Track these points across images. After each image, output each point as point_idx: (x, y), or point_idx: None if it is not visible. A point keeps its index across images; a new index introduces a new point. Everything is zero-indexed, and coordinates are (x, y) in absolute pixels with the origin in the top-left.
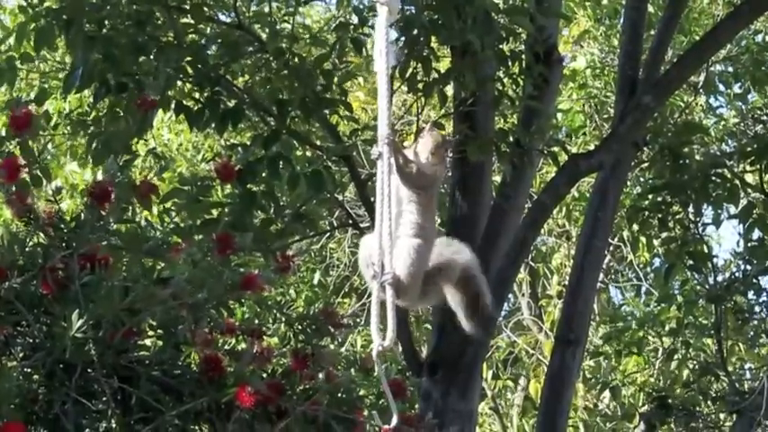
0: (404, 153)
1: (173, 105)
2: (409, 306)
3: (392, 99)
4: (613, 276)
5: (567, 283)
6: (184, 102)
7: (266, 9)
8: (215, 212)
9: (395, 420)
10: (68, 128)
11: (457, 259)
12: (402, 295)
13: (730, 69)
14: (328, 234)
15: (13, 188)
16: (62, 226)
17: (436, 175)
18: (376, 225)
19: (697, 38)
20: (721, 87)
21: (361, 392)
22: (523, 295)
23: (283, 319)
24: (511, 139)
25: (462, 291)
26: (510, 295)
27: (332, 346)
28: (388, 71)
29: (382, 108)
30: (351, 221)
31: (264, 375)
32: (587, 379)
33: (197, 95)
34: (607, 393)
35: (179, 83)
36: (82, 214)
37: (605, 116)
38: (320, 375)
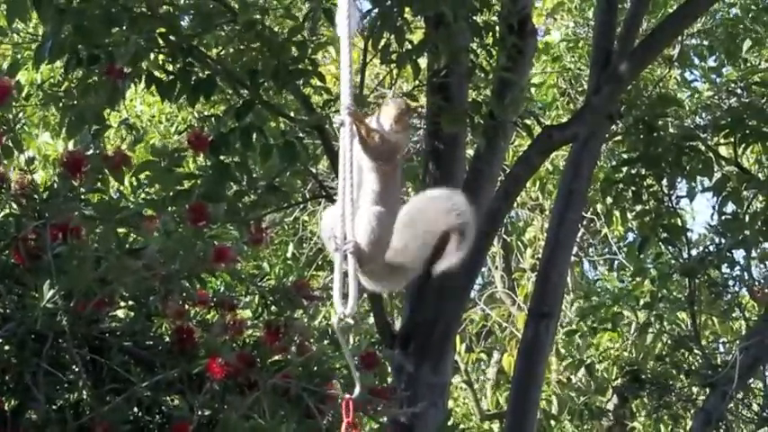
0: (366, 122)
1: (144, 77)
2: (374, 283)
3: (363, 68)
4: (587, 250)
5: (540, 256)
6: (156, 73)
7: None
8: (187, 184)
9: (357, 390)
10: (41, 99)
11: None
12: (364, 264)
13: (705, 43)
14: (301, 206)
15: None
16: (35, 196)
17: (399, 144)
18: (338, 195)
19: (671, 10)
20: (696, 61)
21: (335, 365)
22: (497, 268)
23: (256, 291)
24: (484, 110)
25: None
26: (483, 268)
27: (304, 319)
28: (351, 37)
29: (344, 75)
30: (324, 193)
31: (236, 347)
32: (561, 353)
33: (169, 67)
34: (582, 369)
35: (152, 55)
36: (55, 184)
37: (579, 89)
38: (292, 348)
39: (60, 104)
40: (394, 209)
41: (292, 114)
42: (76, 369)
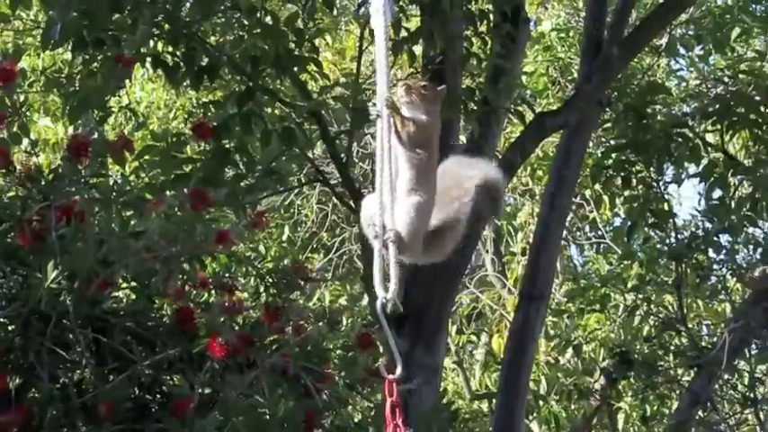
0: (401, 112)
1: (148, 61)
2: (413, 260)
3: (359, 56)
4: (575, 234)
5: (530, 240)
6: (160, 57)
7: None
8: (187, 168)
9: (399, 371)
10: (42, 84)
11: (464, 211)
12: (404, 251)
13: (691, 33)
14: (297, 190)
15: None
16: (39, 179)
17: (433, 128)
18: (376, 185)
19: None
20: (682, 50)
21: (331, 345)
22: (487, 252)
23: (254, 272)
24: (478, 97)
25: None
26: (474, 252)
27: (301, 301)
28: (388, 28)
29: (381, 67)
30: (320, 178)
31: (235, 327)
32: (549, 335)
33: (172, 51)
34: (570, 350)
35: (153, 40)
36: (59, 168)
37: (569, 78)
38: (289, 329)
39: (62, 90)
40: (431, 196)
41: (288, 101)
42: (79, 348)
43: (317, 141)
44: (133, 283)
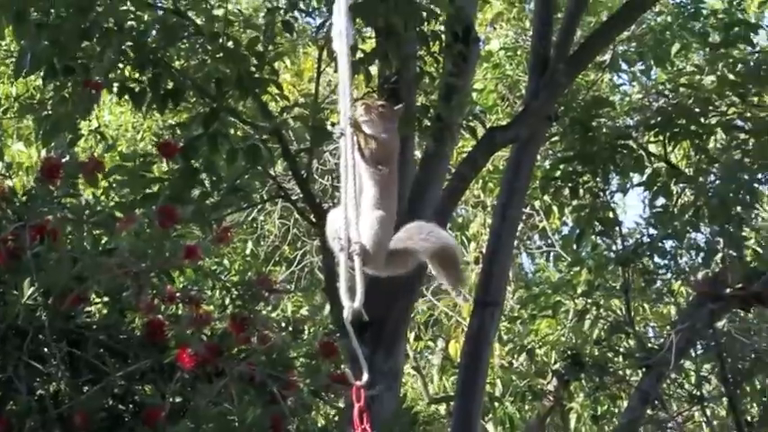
0: (364, 131)
1: (115, 87)
2: (376, 273)
3: (318, 76)
4: (526, 243)
5: (483, 249)
6: (127, 83)
7: None
8: (155, 188)
9: (365, 377)
10: (15, 111)
11: (426, 244)
12: (368, 263)
13: (633, 49)
14: (260, 206)
15: None
16: (14, 200)
17: (393, 145)
18: (341, 200)
19: (604, 18)
20: (624, 66)
21: (294, 354)
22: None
23: (219, 285)
24: (432, 113)
25: (441, 264)
26: None
27: (265, 312)
28: (349, 51)
29: (344, 87)
30: (282, 194)
31: (204, 338)
32: (503, 339)
33: (138, 77)
34: (524, 355)
35: (120, 66)
36: (33, 189)
37: (518, 95)
38: (254, 338)
39: (34, 115)
40: (393, 211)
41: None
42: (55, 362)
43: (278, 159)
44: (105, 298)
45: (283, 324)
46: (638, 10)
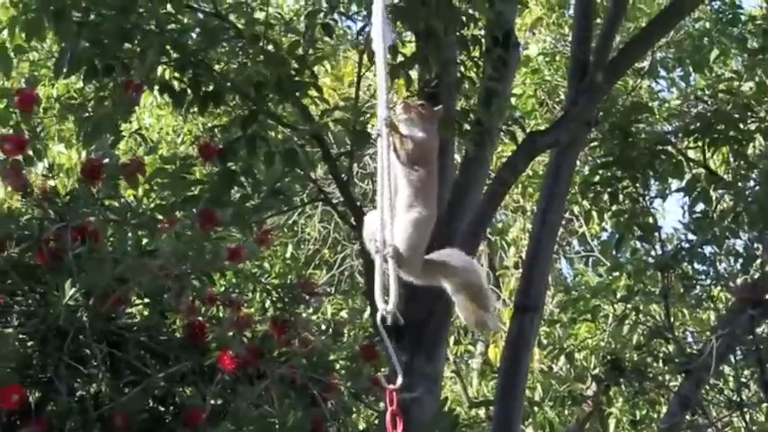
0: (401, 131)
1: (156, 87)
2: (414, 279)
3: (358, 81)
4: (565, 248)
5: (523, 254)
6: (168, 83)
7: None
8: (195, 190)
9: (399, 381)
10: (57, 111)
11: (465, 266)
12: (403, 266)
13: (672, 55)
14: (300, 209)
15: (8, 165)
16: (56, 200)
17: (431, 145)
18: (377, 202)
19: (643, 24)
20: (663, 73)
21: (335, 357)
22: (482, 266)
23: (260, 288)
24: (472, 118)
25: (468, 299)
26: None
27: (308, 313)
28: (387, 51)
29: (381, 88)
30: (322, 197)
31: (244, 340)
32: (544, 345)
33: (179, 78)
34: (562, 357)
35: (161, 68)
36: (74, 190)
37: (556, 100)
38: (295, 341)
39: (75, 117)
40: (431, 212)
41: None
42: (96, 363)
43: (319, 162)
44: (146, 300)
45: (323, 327)
46: (676, 16)
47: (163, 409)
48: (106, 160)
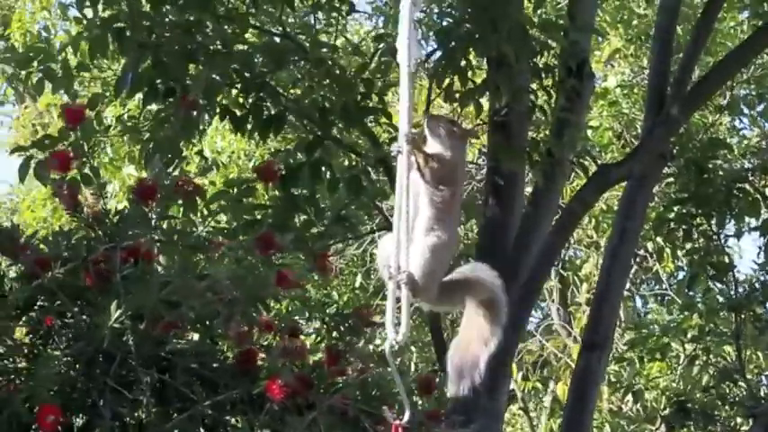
0: (424, 149)
1: (218, 110)
2: (430, 306)
3: (428, 107)
4: (639, 286)
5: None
6: (230, 107)
7: (311, 21)
8: (258, 215)
9: (407, 416)
10: (119, 131)
11: (487, 279)
12: (418, 294)
13: (753, 93)
14: (370, 238)
15: (65, 185)
16: (107, 221)
17: (457, 163)
18: (393, 224)
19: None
20: (745, 110)
21: (394, 389)
22: (553, 301)
23: (320, 317)
24: (542, 149)
25: (483, 312)
26: (543, 303)
27: (366, 344)
28: (412, 64)
29: (403, 103)
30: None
31: (296, 369)
32: (612, 382)
33: (242, 102)
34: (630, 397)
35: (226, 90)
36: (125, 210)
37: (633, 133)
38: (350, 371)
39: (139, 137)
40: (451, 237)
41: (361, 151)
42: (143, 388)
43: (390, 192)
44: (197, 325)
45: (383, 358)
46: (754, 49)
47: None
48: (165, 182)
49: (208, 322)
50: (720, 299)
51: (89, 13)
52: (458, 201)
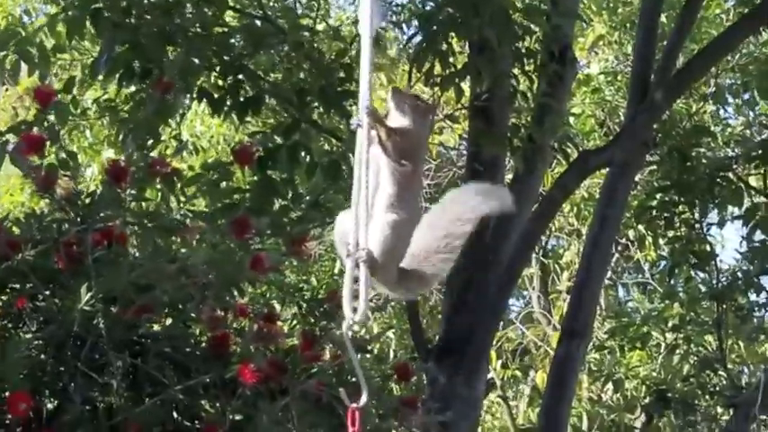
0: (386, 123)
1: (195, 92)
2: (388, 289)
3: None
4: (621, 274)
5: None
6: (208, 89)
7: (292, 4)
8: (236, 198)
9: (363, 399)
10: (99, 114)
11: (444, 269)
12: (377, 273)
13: (738, 81)
14: None
15: (42, 170)
16: (78, 202)
17: (420, 137)
18: (352, 199)
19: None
20: (729, 99)
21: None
22: (534, 289)
23: (294, 301)
24: (523, 134)
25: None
26: (524, 291)
27: (338, 331)
28: (372, 34)
29: (364, 75)
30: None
31: (269, 354)
32: (592, 371)
33: (221, 84)
34: (610, 386)
35: (205, 73)
36: (96, 192)
37: (616, 121)
38: (325, 357)
39: (116, 120)
40: (413, 215)
41: (342, 135)
42: (114, 372)
43: None
44: (169, 308)
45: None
46: (738, 36)
47: (187, 424)
48: (140, 164)
49: (181, 306)
50: (702, 288)
51: None
52: (419, 177)
